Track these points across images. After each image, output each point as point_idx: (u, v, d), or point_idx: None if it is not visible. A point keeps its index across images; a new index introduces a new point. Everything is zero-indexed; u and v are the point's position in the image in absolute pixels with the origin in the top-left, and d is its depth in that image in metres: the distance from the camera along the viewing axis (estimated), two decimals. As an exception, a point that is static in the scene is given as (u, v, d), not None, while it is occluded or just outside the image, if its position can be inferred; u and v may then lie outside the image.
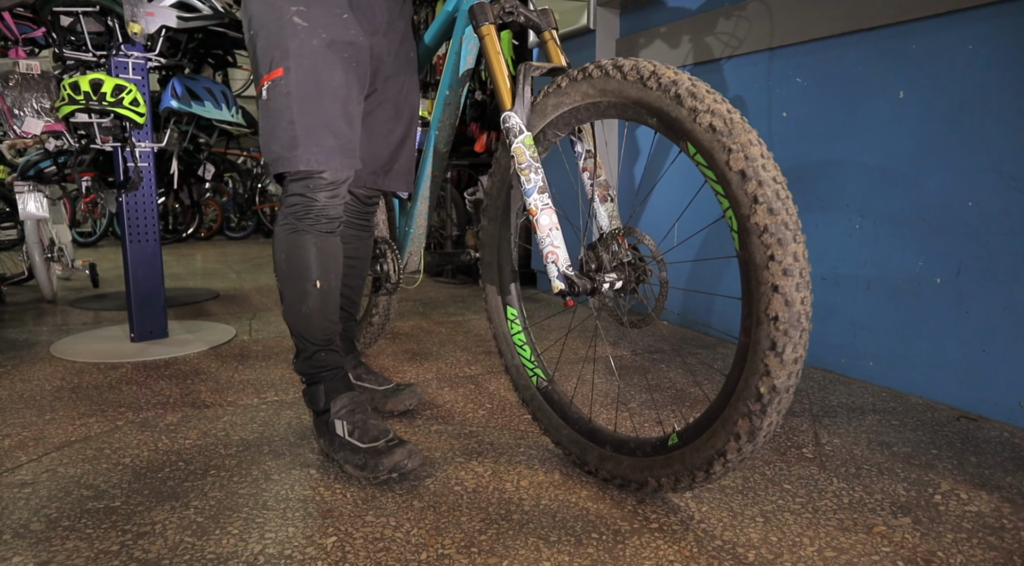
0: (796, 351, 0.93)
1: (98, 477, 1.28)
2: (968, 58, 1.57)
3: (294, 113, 1.26)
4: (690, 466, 1.08)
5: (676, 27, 2.38)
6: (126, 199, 2.22)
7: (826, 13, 1.85)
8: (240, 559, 1.01)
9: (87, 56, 2.12)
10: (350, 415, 1.32)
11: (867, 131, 1.80)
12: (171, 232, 5.90)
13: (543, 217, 1.18)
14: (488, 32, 1.27)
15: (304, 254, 1.31)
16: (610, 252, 1.18)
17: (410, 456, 1.23)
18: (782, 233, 0.92)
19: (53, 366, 2.02)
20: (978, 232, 1.57)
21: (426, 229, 1.68)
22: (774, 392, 0.94)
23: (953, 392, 1.65)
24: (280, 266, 1.34)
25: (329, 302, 1.35)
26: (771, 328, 0.93)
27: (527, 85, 1.22)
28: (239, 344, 2.28)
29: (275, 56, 1.27)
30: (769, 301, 0.92)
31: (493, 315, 1.46)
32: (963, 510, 1.15)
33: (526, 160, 1.19)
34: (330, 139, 1.28)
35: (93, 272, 3.44)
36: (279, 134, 1.27)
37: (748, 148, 0.94)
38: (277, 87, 1.27)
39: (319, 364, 1.35)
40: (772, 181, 0.93)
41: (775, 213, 0.92)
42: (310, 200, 1.30)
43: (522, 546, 1.04)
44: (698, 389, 1.77)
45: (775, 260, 0.92)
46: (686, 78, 1.01)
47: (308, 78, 1.27)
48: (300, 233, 1.31)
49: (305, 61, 1.27)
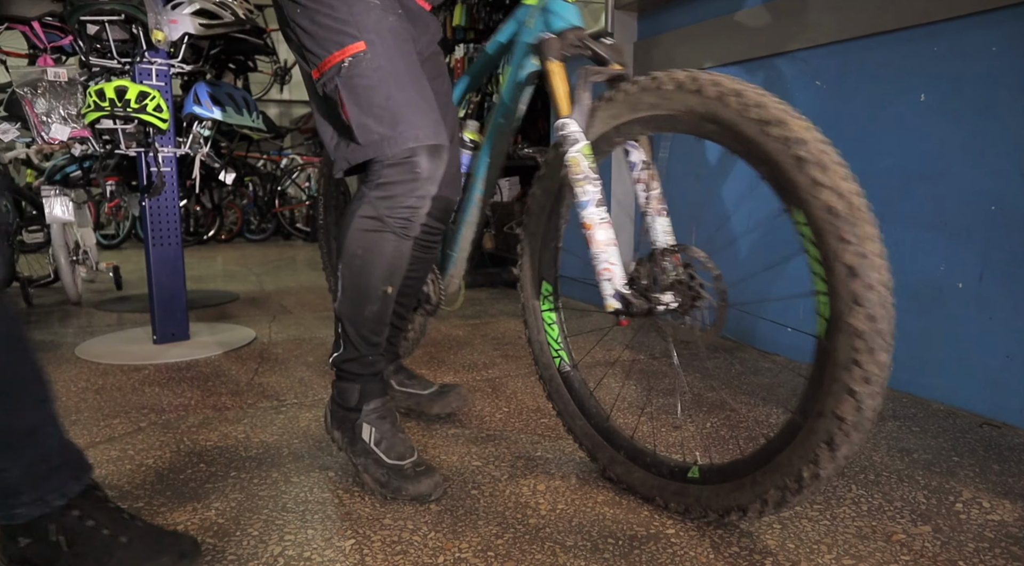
0: (851, 449, 0.91)
1: (122, 478, 1.30)
2: (992, 60, 1.55)
3: (391, 87, 1.15)
4: (704, 505, 1.08)
5: (694, 30, 2.37)
6: (149, 203, 2.26)
7: (847, 16, 1.83)
8: (260, 561, 1.02)
9: (112, 63, 2.17)
10: (380, 421, 1.28)
11: (888, 134, 1.78)
12: (192, 235, 5.98)
13: (599, 232, 1.12)
14: (556, 70, 1.20)
15: (383, 256, 1.22)
16: (663, 270, 1.12)
17: (435, 489, 1.20)
18: (875, 342, 0.86)
19: (78, 368, 2.06)
20: (1002, 236, 1.55)
21: (469, 253, 1.62)
22: (816, 479, 0.94)
23: (976, 398, 1.62)
24: (353, 260, 1.23)
25: (390, 308, 1.29)
26: (834, 426, 0.90)
27: (586, 91, 1.14)
28: (259, 347, 2.31)
29: (349, 31, 1.16)
30: (841, 401, 0.89)
31: (526, 285, 1.39)
32: (985, 519, 1.14)
33: (582, 171, 1.12)
34: (432, 113, 1.18)
35: (117, 274, 3.49)
36: (376, 113, 1.15)
37: (866, 243, 0.86)
38: (362, 62, 1.15)
39: (364, 366, 1.30)
40: (880, 285, 0.86)
41: (875, 321, 0.86)
42: (408, 190, 1.17)
43: (538, 550, 1.05)
44: (720, 407, 1.77)
45: (859, 366, 0.87)
46: (816, 139, 0.91)
47: (396, 52, 1.18)
48: (386, 233, 1.20)
49: (387, 36, 1.18)
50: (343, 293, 1.27)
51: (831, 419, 0.90)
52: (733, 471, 1.05)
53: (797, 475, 0.94)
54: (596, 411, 1.31)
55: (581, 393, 1.33)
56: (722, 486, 1.06)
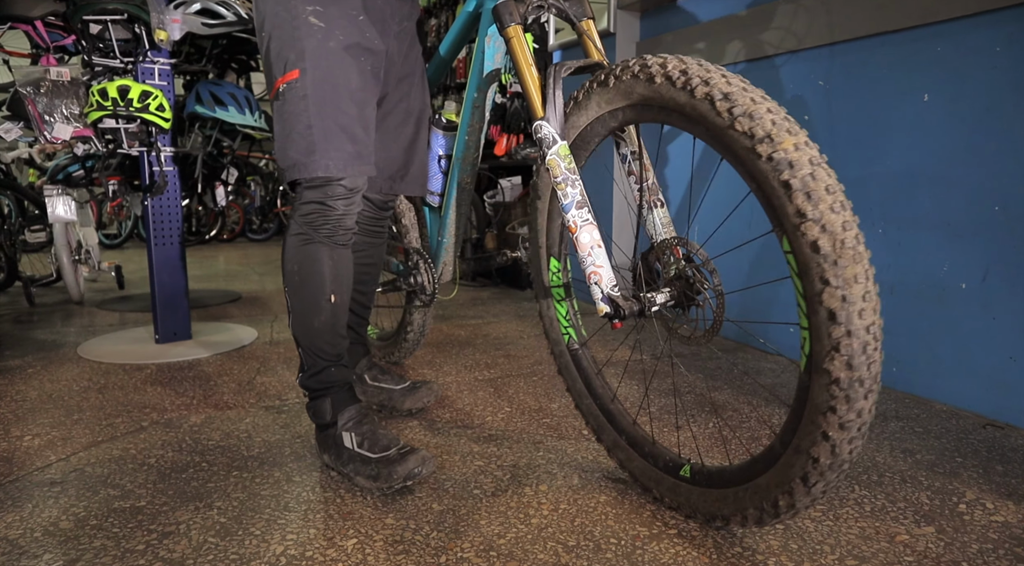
0: (826, 488, 0.91)
1: (124, 477, 1.30)
2: (995, 60, 1.55)
3: (311, 117, 1.21)
4: (691, 504, 1.10)
5: (697, 30, 2.37)
6: (151, 202, 2.26)
7: (849, 16, 1.83)
8: (262, 560, 1.02)
9: (115, 62, 2.17)
10: (357, 426, 1.29)
11: (891, 134, 1.78)
12: (194, 234, 5.99)
13: (583, 235, 1.10)
14: (515, 34, 1.17)
15: (319, 267, 1.27)
16: (662, 264, 1.10)
17: (423, 463, 1.21)
18: (854, 390, 0.83)
19: (80, 367, 2.06)
20: (1005, 236, 1.55)
21: (459, 238, 1.63)
22: (792, 508, 0.94)
23: (979, 399, 1.62)
24: (292, 277, 1.29)
25: (340, 317, 1.31)
26: (809, 466, 0.89)
27: (558, 89, 1.13)
28: (261, 346, 2.31)
29: (290, 57, 1.23)
30: (814, 443, 0.87)
31: (536, 262, 1.38)
32: (989, 520, 1.13)
33: (562, 172, 1.11)
34: (348, 145, 1.24)
35: (119, 274, 3.50)
36: (295, 139, 1.23)
37: (850, 286, 0.81)
38: (293, 90, 1.23)
39: (328, 379, 1.32)
40: (863, 331, 0.82)
41: (853, 369, 0.82)
42: (328, 208, 1.25)
43: (541, 550, 1.04)
44: (721, 406, 1.76)
45: (835, 413, 0.84)
46: (807, 160, 0.84)
47: (325, 81, 1.23)
48: (315, 244, 1.26)
49: (322, 63, 1.22)
50: (291, 311, 1.32)
51: (806, 458, 0.89)
52: (720, 479, 1.05)
53: (774, 502, 0.95)
54: (602, 391, 1.30)
55: (588, 372, 1.33)
56: (708, 491, 1.06)
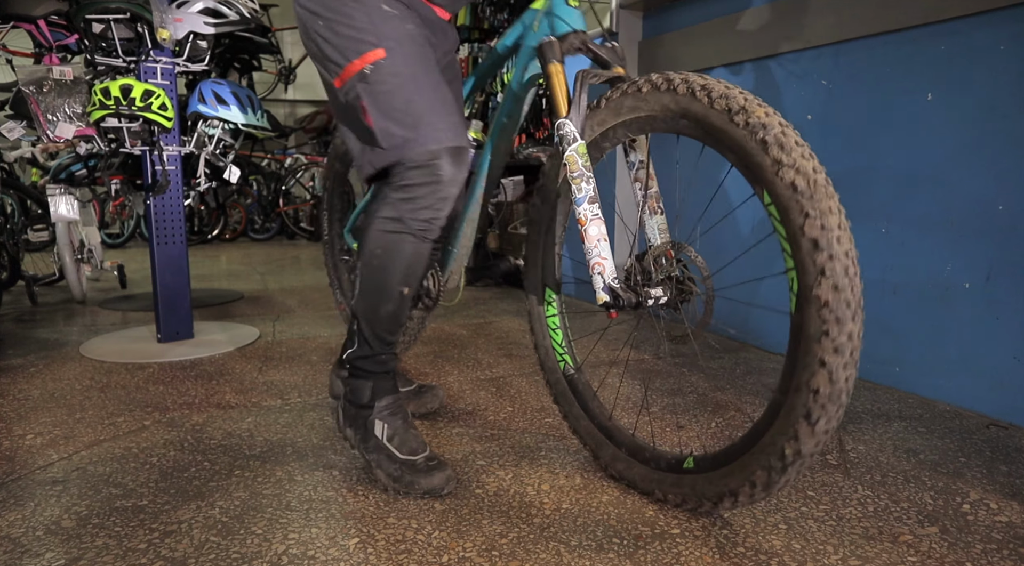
0: (829, 424, 0.93)
1: (126, 476, 1.30)
2: (999, 59, 1.54)
3: (410, 91, 1.18)
4: (699, 493, 1.10)
5: (699, 29, 2.36)
6: (154, 202, 2.26)
7: (852, 15, 1.83)
8: (264, 559, 1.02)
9: (118, 62, 2.17)
10: (391, 418, 1.30)
11: (894, 133, 1.77)
12: (197, 233, 5.99)
13: (592, 227, 1.16)
14: (555, 71, 1.23)
15: (402, 257, 1.24)
16: (657, 266, 1.16)
17: (447, 483, 1.22)
18: (842, 311, 0.89)
19: (83, 366, 2.06)
20: (1009, 236, 1.54)
21: (470, 249, 1.66)
22: (798, 456, 0.95)
23: (983, 399, 1.61)
24: (371, 260, 1.25)
25: (406, 308, 1.30)
26: (810, 399, 0.92)
27: (583, 92, 1.19)
28: (263, 345, 2.31)
29: (369, 39, 1.19)
30: (814, 374, 0.91)
31: (531, 293, 1.45)
32: (993, 520, 1.13)
33: (578, 169, 1.16)
34: (452, 115, 1.21)
35: (121, 273, 3.50)
36: (396, 117, 1.18)
37: (827, 216, 0.91)
38: (383, 68, 1.19)
39: (378, 364, 1.32)
40: (844, 255, 0.90)
41: (840, 290, 0.89)
42: (433, 187, 1.19)
43: (543, 550, 1.04)
44: (724, 406, 1.76)
45: (829, 337, 0.90)
46: (777, 122, 0.97)
47: (415, 57, 1.21)
48: (404, 235, 1.22)
49: (407, 42, 1.22)
50: (361, 291, 1.29)
51: (807, 393, 0.92)
52: (725, 457, 1.07)
53: (780, 453, 0.96)
54: (599, 411, 1.34)
55: (585, 395, 1.37)
56: (715, 473, 1.08)
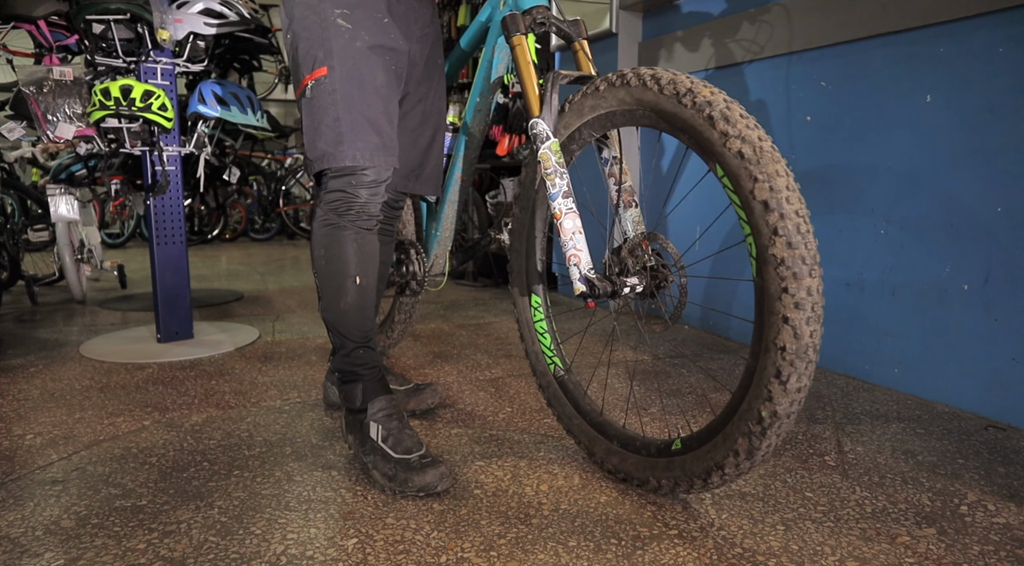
0: (800, 381, 0.96)
1: (125, 476, 1.31)
2: (998, 61, 1.54)
3: (339, 110, 1.28)
4: (689, 473, 1.12)
5: (699, 30, 2.36)
6: (154, 202, 2.26)
7: (851, 16, 1.83)
8: (263, 559, 1.02)
9: (118, 62, 2.17)
10: (386, 420, 1.32)
11: (893, 135, 1.77)
12: (197, 234, 5.99)
13: (567, 221, 1.20)
14: (519, 43, 1.29)
15: (344, 250, 1.32)
16: (633, 257, 1.20)
17: (441, 479, 1.23)
18: (798, 267, 0.94)
19: (82, 366, 2.07)
20: (1008, 238, 1.54)
21: (452, 232, 1.71)
22: (775, 417, 0.98)
23: (981, 401, 1.62)
24: (319, 262, 1.35)
25: (367, 299, 1.36)
26: (778, 357, 0.96)
27: (555, 92, 1.24)
28: (263, 345, 2.31)
29: (318, 56, 1.29)
30: (779, 331, 0.95)
31: (518, 301, 1.49)
32: (990, 522, 1.13)
33: (552, 165, 1.21)
34: (373, 136, 1.30)
35: (121, 273, 3.50)
36: (324, 131, 1.30)
37: (774, 179, 0.95)
38: (321, 85, 1.29)
39: (357, 361, 1.37)
40: (794, 214, 0.95)
41: (794, 247, 0.94)
42: (351, 196, 1.31)
43: (541, 550, 1.04)
44: (709, 394, 1.76)
45: (788, 293, 0.94)
46: (721, 99, 1.02)
47: (352, 77, 1.29)
48: (340, 229, 1.32)
49: (349, 61, 1.29)
50: (320, 293, 1.38)
51: (775, 352, 0.96)
52: (708, 433, 1.09)
53: (758, 417, 0.99)
54: (590, 408, 1.36)
55: (576, 394, 1.39)
56: (700, 450, 1.10)
